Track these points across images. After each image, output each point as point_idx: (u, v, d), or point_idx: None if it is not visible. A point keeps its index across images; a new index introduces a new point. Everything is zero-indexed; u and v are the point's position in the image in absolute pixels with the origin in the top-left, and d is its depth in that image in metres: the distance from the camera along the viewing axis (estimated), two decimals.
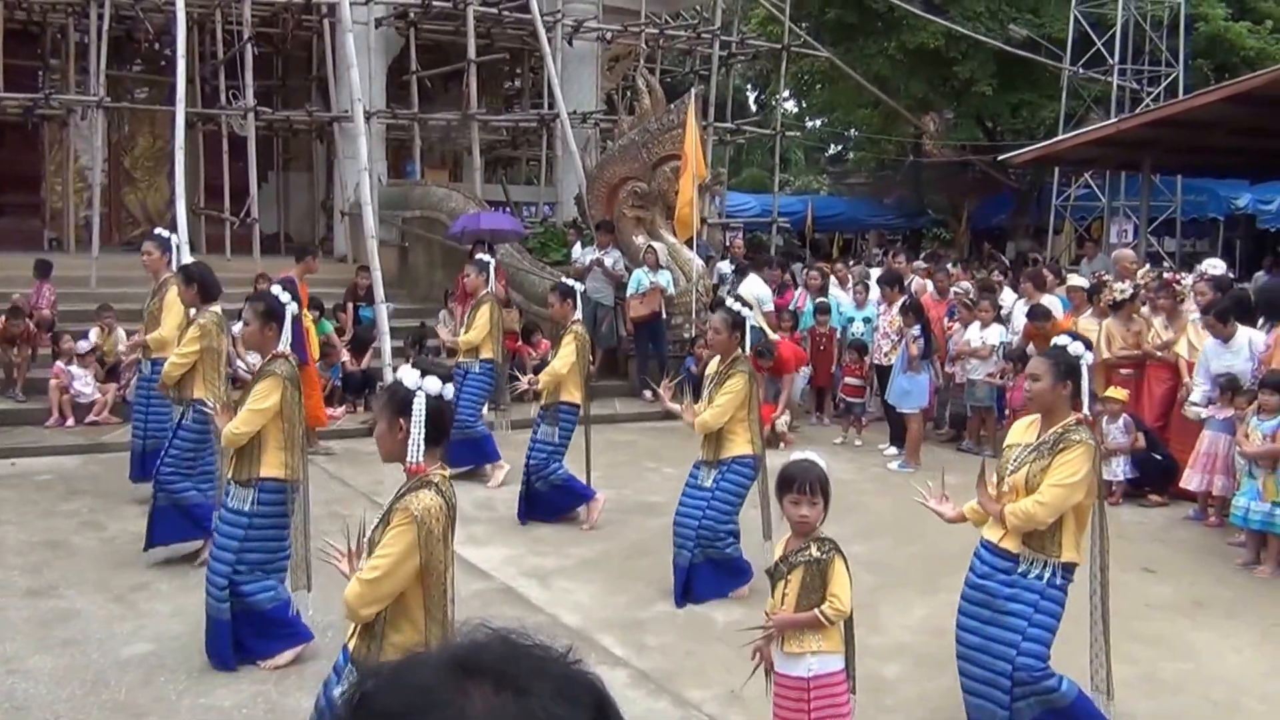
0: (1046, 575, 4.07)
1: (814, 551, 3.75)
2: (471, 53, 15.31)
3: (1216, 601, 6.20)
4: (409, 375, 3.37)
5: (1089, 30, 20.15)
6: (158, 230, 7.97)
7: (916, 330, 9.47)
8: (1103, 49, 20.00)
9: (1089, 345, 4.45)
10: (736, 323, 6.05)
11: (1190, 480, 7.74)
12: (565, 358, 7.48)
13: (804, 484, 3.74)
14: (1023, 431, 4.32)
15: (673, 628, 5.60)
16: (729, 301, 6.43)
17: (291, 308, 5.07)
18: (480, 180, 15.78)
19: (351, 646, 3.46)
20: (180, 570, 6.24)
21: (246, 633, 4.93)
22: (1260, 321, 8.14)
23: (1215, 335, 7.90)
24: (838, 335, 11.35)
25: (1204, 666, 5.27)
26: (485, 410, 8.94)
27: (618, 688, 4.82)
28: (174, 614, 5.58)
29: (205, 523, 5.96)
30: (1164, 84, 19.96)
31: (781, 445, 10.10)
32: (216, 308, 6.58)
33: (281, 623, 4.98)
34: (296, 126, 16.82)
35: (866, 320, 11.03)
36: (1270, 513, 6.58)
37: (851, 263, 15.85)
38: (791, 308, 11.75)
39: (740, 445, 5.95)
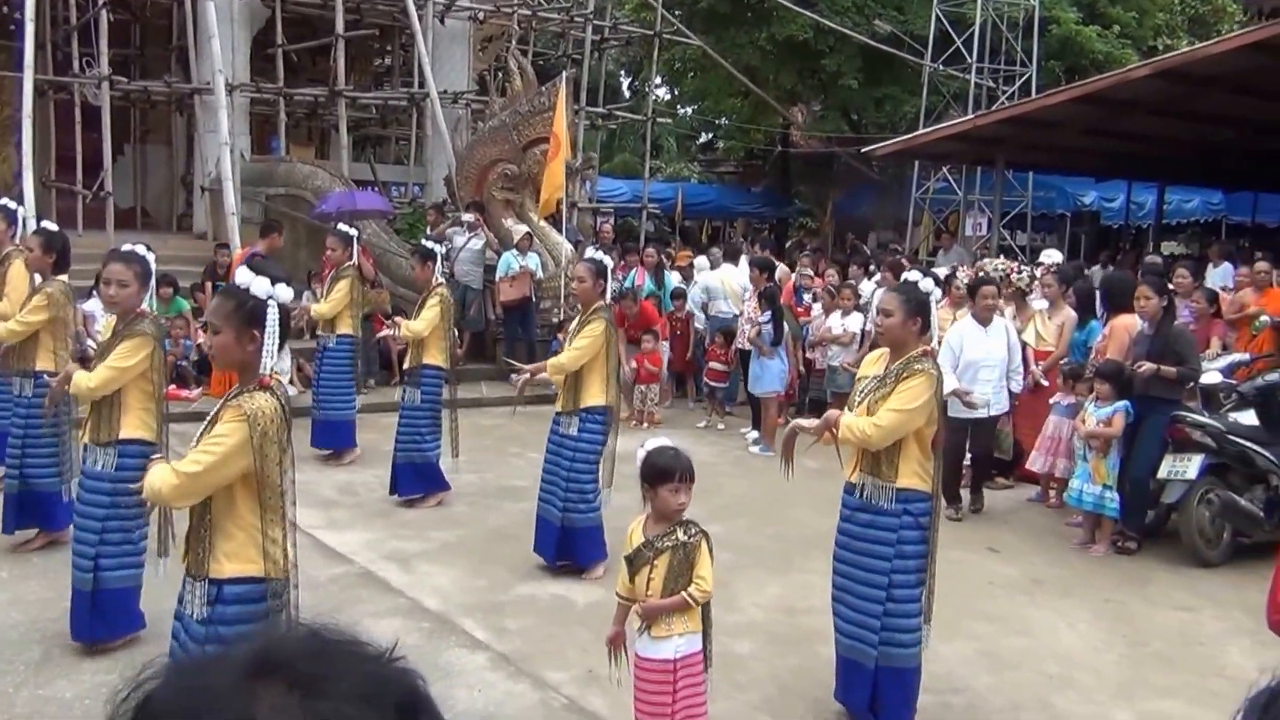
0: (889, 506, 4.21)
1: (681, 535, 3.79)
2: (340, 27, 14.94)
3: (1054, 580, 6.54)
4: (259, 284, 3.31)
5: (949, 29, 20.81)
6: (2, 200, 7.57)
7: (765, 317, 9.75)
8: (962, 47, 20.69)
9: (938, 282, 4.66)
10: (600, 271, 6.16)
11: (1034, 462, 8.13)
12: (429, 320, 7.40)
13: (683, 473, 3.79)
14: (872, 364, 4.46)
15: (533, 610, 5.63)
16: (590, 251, 6.56)
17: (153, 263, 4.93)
18: (348, 158, 15.46)
19: (185, 563, 3.42)
20: (19, 559, 5.97)
21: (87, 608, 4.76)
22: (1100, 312, 8.60)
23: (979, 320, 7.85)
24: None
25: (1041, 642, 5.55)
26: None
27: (477, 671, 4.84)
28: (11, 603, 5.35)
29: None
30: (1018, 83, 20.78)
31: (646, 425, 10.31)
32: (64, 278, 6.30)
33: (124, 608, 4.82)
34: (155, 98, 16.13)
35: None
36: (1101, 495, 6.97)
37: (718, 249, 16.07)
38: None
39: (595, 395, 6.06)
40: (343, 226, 8.97)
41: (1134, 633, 5.70)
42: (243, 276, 3.33)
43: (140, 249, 4.94)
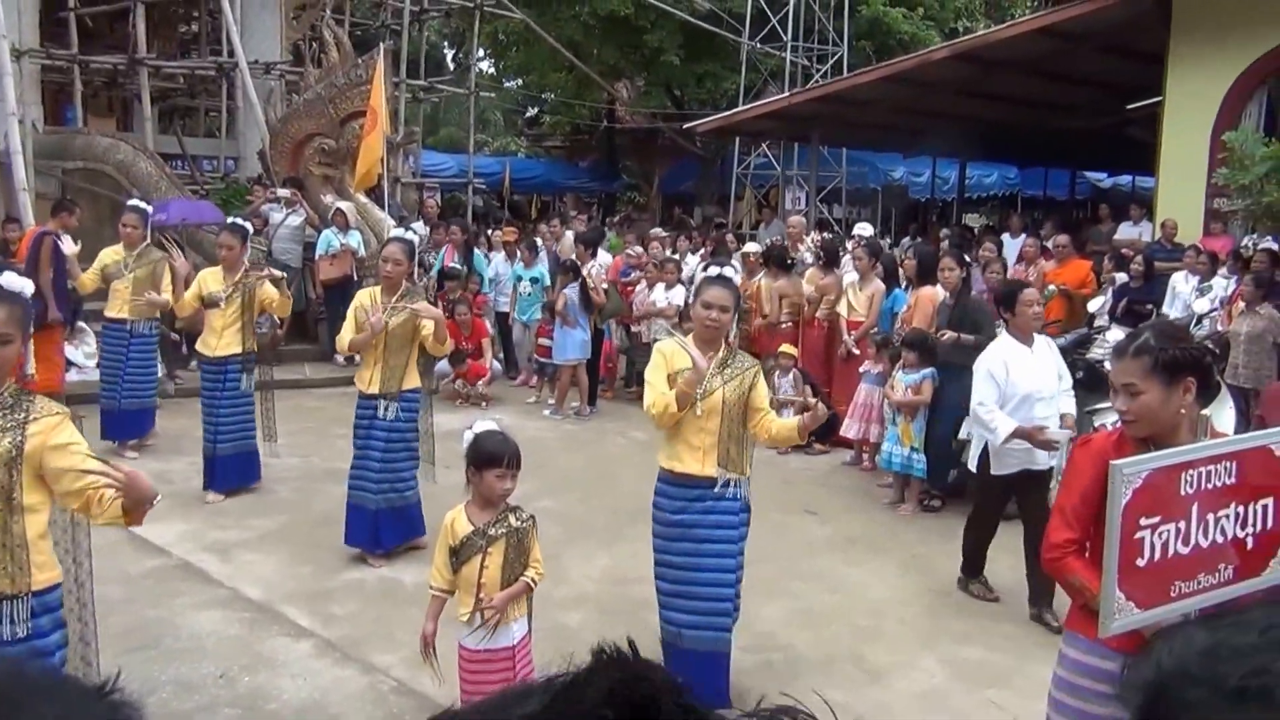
0: (739, 493, 4.31)
1: (514, 521, 3.80)
2: None
3: (866, 538, 6.89)
4: (27, 285, 3.15)
5: (765, 8, 21.30)
6: None
7: (570, 289, 10.05)
8: (778, 26, 21.21)
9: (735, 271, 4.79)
10: (412, 251, 6.19)
11: (848, 428, 8.51)
12: (269, 295, 7.28)
13: (511, 459, 3.77)
14: (683, 357, 4.32)
15: (360, 594, 5.58)
16: (398, 230, 6.52)
17: None
18: (152, 131, 14.68)
19: None
20: None
21: None
22: (905, 284, 9.05)
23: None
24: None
25: (853, 598, 5.85)
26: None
27: (302, 659, 4.78)
28: None
29: None
30: (831, 62, 21.48)
31: (484, 405, 10.34)
32: None
33: None
34: None
35: (534, 280, 11.37)
36: (909, 457, 7.37)
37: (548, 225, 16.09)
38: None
39: (414, 377, 6.11)
40: (137, 202, 8.54)
41: (937, 584, 6.08)
42: (10, 280, 3.11)
43: None
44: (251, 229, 7.84)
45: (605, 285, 10.49)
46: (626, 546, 6.32)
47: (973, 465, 5.89)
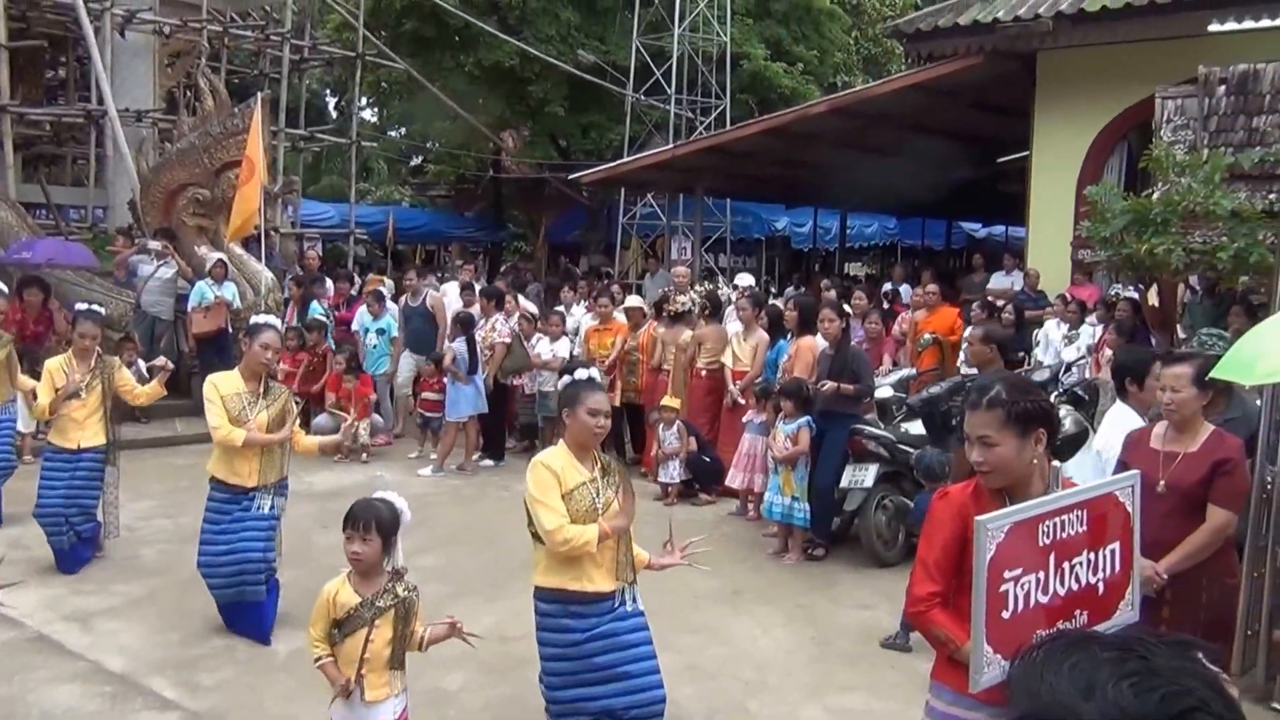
0: (636, 595, 4.24)
1: (400, 591, 3.72)
2: (1, 36, 13.64)
3: (752, 588, 6.90)
4: None
5: (649, 60, 21.64)
6: None
7: (457, 343, 9.93)
8: (661, 79, 21.55)
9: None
10: (284, 338, 6.04)
11: (733, 478, 8.56)
12: (127, 382, 7.00)
13: (359, 522, 3.69)
14: (575, 470, 4.11)
15: (231, 662, 5.35)
16: (267, 316, 6.35)
17: None
18: (15, 179, 14.10)
19: None
20: None
21: None
22: (789, 335, 9.19)
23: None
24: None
25: (739, 650, 5.83)
26: None
27: None
28: None
29: None
30: (714, 115, 21.90)
31: (365, 457, 10.13)
32: None
33: None
34: None
35: (380, 331, 11.32)
36: (789, 506, 7.43)
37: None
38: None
39: (285, 465, 5.90)
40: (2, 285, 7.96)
41: (821, 634, 6.12)
42: None
43: None
44: (105, 312, 7.50)
45: (508, 339, 10.29)
46: (510, 602, 6.20)
47: None
